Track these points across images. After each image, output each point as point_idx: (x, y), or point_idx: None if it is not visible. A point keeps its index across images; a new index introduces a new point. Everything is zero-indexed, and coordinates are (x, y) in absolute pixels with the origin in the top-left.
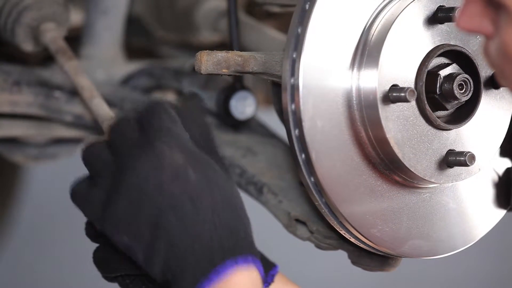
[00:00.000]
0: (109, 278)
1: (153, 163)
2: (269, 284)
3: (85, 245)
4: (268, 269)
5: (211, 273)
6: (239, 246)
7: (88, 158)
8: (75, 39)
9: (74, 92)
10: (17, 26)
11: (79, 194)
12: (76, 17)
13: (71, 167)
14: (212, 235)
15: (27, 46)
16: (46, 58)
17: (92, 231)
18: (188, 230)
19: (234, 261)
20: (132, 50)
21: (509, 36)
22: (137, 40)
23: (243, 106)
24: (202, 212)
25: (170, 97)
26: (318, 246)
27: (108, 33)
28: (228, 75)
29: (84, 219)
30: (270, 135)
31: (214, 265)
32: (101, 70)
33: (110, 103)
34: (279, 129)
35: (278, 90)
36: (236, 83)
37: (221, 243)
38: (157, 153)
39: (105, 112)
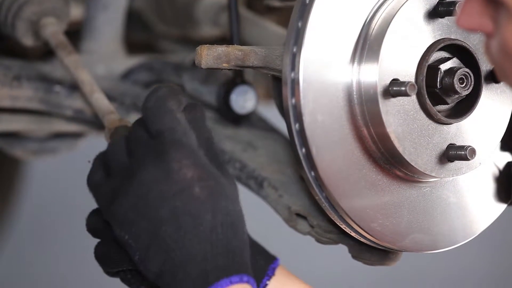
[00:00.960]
0: (110, 273)
1: (161, 174)
2: (270, 277)
3: (85, 239)
4: (269, 262)
5: None
6: (234, 265)
7: (108, 153)
8: (75, 34)
9: (74, 87)
10: (17, 20)
11: (93, 180)
12: (76, 11)
13: (71, 161)
14: (207, 254)
15: (27, 40)
16: (46, 52)
17: (93, 227)
18: (184, 245)
19: (229, 281)
20: (132, 44)
21: (509, 33)
22: (138, 35)
23: (244, 100)
24: (201, 229)
25: None
26: (318, 241)
27: (109, 27)
28: (229, 69)
29: (84, 214)
30: (271, 129)
31: (208, 284)
32: (102, 65)
33: (110, 98)
34: (280, 123)
35: (279, 84)
36: (237, 77)
37: (216, 263)
38: (166, 166)
39: (105, 107)
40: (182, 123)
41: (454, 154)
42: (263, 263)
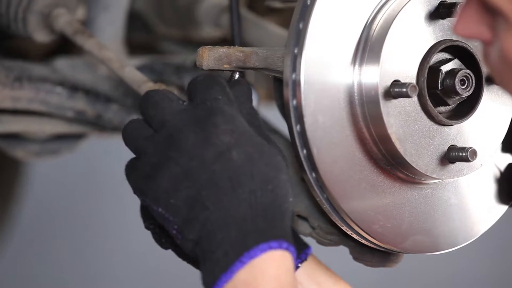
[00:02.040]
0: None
1: (200, 140)
2: (302, 261)
3: (86, 241)
4: (302, 247)
5: (243, 256)
6: (274, 230)
7: (128, 137)
8: None
9: (75, 88)
10: (29, 14)
11: (128, 168)
12: (77, 12)
13: (73, 163)
14: (247, 215)
15: (39, 35)
16: (48, 53)
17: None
18: (224, 206)
19: (268, 245)
20: (133, 45)
21: (508, 43)
22: (139, 36)
23: None
24: (239, 192)
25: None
26: (319, 242)
27: (110, 28)
28: (230, 70)
29: (85, 215)
30: (272, 130)
31: (247, 248)
32: (103, 66)
33: (112, 99)
34: (281, 124)
35: (280, 85)
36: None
37: (256, 225)
38: (205, 131)
39: (139, 77)
40: (226, 94)
41: (455, 155)
42: (296, 246)
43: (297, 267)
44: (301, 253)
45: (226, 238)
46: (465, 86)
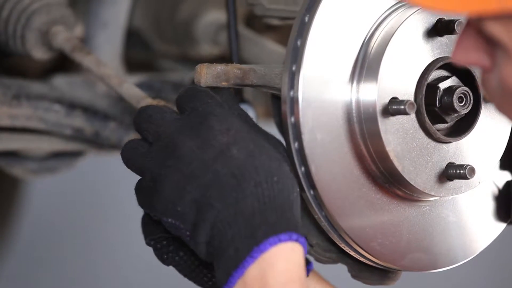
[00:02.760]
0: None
1: (198, 144)
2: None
3: (84, 257)
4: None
5: (254, 250)
6: (283, 222)
7: (127, 159)
8: None
9: (73, 106)
10: (27, 31)
11: (136, 190)
12: (76, 29)
13: (71, 180)
14: (255, 209)
15: (37, 52)
16: (46, 71)
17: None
18: (231, 203)
19: (277, 238)
20: (131, 63)
21: (507, 73)
22: (137, 53)
23: None
24: (245, 186)
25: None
26: (318, 260)
27: (108, 46)
28: (228, 88)
29: (84, 232)
30: None
31: (257, 242)
32: (101, 83)
33: (110, 116)
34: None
35: (278, 102)
36: (236, 96)
37: (264, 218)
38: (201, 135)
39: (137, 93)
40: (214, 98)
41: (454, 173)
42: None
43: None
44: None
45: (236, 235)
46: (463, 104)
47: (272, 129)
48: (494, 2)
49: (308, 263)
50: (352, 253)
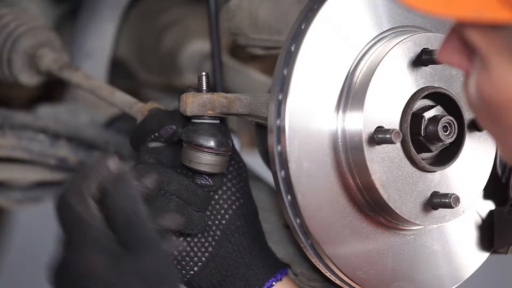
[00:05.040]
0: None
1: None
2: (278, 280)
3: None
4: (279, 267)
5: None
6: None
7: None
8: (60, 84)
9: (57, 135)
10: (14, 55)
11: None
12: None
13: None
14: None
15: (25, 77)
16: (30, 101)
17: None
18: None
19: None
20: None
21: (482, 81)
22: (122, 83)
23: None
24: None
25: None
26: None
27: (93, 75)
28: (213, 116)
29: None
30: (254, 177)
31: None
32: (85, 113)
33: (95, 146)
34: (263, 171)
35: (262, 131)
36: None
37: None
38: None
39: (129, 100)
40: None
41: (438, 202)
42: (272, 264)
43: (271, 286)
44: (276, 272)
45: None
46: (447, 133)
47: (256, 159)
48: (471, 10)
49: (282, 267)
50: (338, 282)
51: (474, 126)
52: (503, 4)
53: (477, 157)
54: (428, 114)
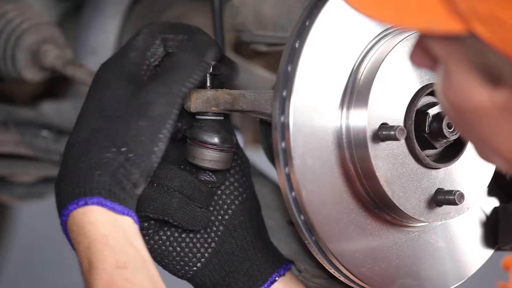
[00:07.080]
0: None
1: None
2: (280, 275)
3: (72, 284)
4: (282, 262)
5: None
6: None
7: None
8: (64, 80)
9: (61, 131)
10: (17, 51)
11: None
12: (66, 54)
13: None
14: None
15: (29, 73)
16: (34, 97)
17: None
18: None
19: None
20: None
21: (446, 86)
22: None
23: None
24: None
25: None
26: (306, 286)
27: None
28: (218, 113)
29: (71, 260)
30: (258, 174)
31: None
32: None
33: None
34: (267, 168)
35: (266, 128)
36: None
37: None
38: None
39: None
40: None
41: (443, 198)
42: (275, 259)
43: (274, 280)
44: (279, 267)
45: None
46: (452, 130)
47: (260, 155)
48: (422, 21)
49: (285, 262)
50: (342, 278)
51: None
52: (452, 15)
53: None
54: (432, 111)
